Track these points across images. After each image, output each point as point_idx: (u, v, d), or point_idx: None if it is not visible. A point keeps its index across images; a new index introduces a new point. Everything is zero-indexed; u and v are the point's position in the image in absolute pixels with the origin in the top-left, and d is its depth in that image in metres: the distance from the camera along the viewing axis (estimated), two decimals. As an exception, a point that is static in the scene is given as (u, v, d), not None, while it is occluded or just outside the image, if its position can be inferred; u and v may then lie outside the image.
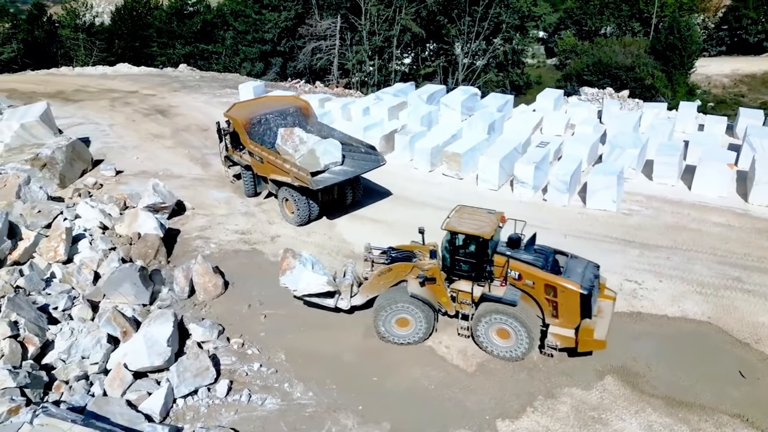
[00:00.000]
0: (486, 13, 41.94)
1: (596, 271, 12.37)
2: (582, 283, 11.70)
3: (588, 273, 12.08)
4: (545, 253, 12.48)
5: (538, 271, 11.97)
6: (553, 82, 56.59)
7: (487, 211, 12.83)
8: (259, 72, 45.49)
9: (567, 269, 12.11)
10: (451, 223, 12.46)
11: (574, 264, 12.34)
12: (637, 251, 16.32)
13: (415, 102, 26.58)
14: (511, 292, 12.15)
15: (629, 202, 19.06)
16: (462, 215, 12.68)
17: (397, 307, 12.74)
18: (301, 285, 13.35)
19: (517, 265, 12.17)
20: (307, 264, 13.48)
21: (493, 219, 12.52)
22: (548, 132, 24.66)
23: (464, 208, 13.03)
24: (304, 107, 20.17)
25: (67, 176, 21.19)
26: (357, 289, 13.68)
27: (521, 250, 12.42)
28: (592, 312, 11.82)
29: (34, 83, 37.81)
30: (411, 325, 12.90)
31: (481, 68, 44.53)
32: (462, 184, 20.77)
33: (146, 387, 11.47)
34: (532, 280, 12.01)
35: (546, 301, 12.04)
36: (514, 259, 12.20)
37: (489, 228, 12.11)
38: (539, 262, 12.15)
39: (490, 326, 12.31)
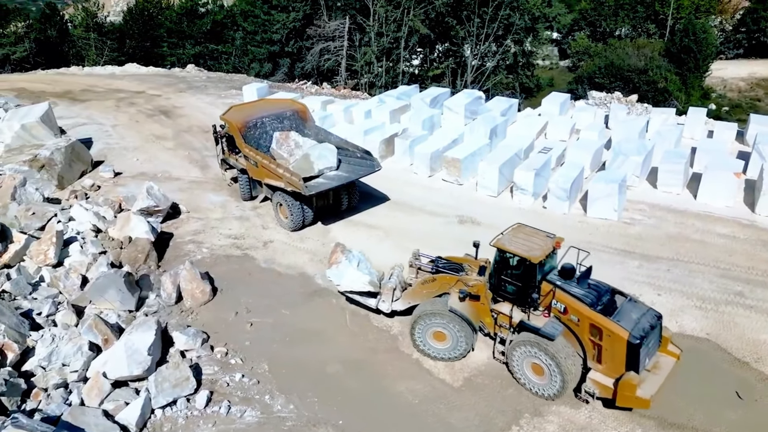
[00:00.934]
0: (495, 14, 41.46)
1: (656, 320, 10.97)
2: (633, 330, 10.42)
3: (644, 321, 10.74)
4: (599, 290, 11.26)
5: (586, 308, 10.83)
6: (565, 85, 56.02)
7: (546, 234, 11.90)
8: (268, 73, 45.47)
9: (620, 312, 10.85)
10: (502, 240, 11.68)
11: (630, 308, 11.03)
12: (636, 262, 15.85)
13: (418, 105, 26.28)
14: (551, 325, 11.15)
15: (631, 211, 18.57)
16: (517, 234, 11.85)
17: (434, 320, 12.28)
18: (345, 281, 13.37)
19: (564, 297, 11.12)
20: (353, 261, 13.40)
21: (548, 243, 11.54)
22: (553, 137, 24.18)
23: (522, 227, 12.17)
24: (302, 111, 19.95)
25: (66, 177, 21.17)
26: (400, 294, 13.28)
27: (573, 282, 11.30)
28: (641, 365, 10.55)
29: (43, 83, 38.06)
30: (448, 340, 12.39)
31: (491, 70, 44.03)
32: (461, 190, 20.41)
33: (124, 397, 11.30)
34: (577, 316, 10.94)
35: (590, 342, 10.93)
36: (563, 290, 11.17)
37: (539, 252, 11.17)
38: (589, 298, 10.97)
39: (524, 358, 11.44)
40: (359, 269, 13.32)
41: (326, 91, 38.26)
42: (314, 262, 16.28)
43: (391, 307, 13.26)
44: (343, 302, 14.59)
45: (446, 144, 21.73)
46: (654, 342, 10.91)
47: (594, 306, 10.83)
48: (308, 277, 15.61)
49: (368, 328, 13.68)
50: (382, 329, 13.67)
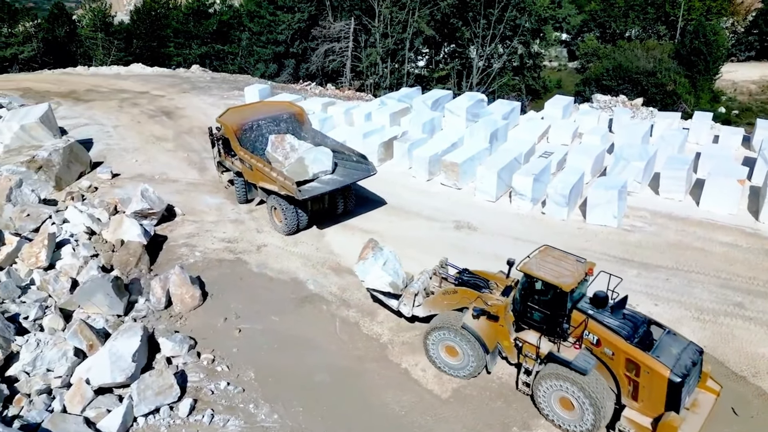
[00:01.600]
0: (502, 15, 41.09)
1: (697, 355, 10.24)
2: (674, 367, 9.70)
3: (686, 356, 10.01)
4: (636, 321, 10.51)
5: (622, 341, 10.09)
6: (573, 87, 55.48)
7: (576, 258, 11.15)
8: (273, 73, 45.39)
9: (659, 346, 10.11)
10: (529, 265, 10.94)
11: (670, 341, 10.30)
12: (634, 271, 15.52)
13: (419, 108, 26.03)
14: (584, 358, 10.39)
15: (632, 218, 18.22)
16: (545, 257, 11.10)
17: (447, 334, 11.88)
18: (368, 278, 13.27)
19: (597, 329, 10.38)
20: (379, 259, 13.26)
21: (579, 269, 10.79)
22: (555, 141, 23.83)
23: (550, 250, 11.43)
24: (299, 113, 19.79)
25: (64, 179, 21.14)
26: (422, 300, 12.99)
27: (606, 312, 10.56)
28: (681, 405, 9.84)
29: (48, 82, 38.20)
30: (459, 357, 11.98)
31: (497, 72, 43.66)
32: (459, 195, 20.15)
33: (107, 404, 11.18)
34: (612, 349, 10.18)
35: (625, 377, 10.18)
36: (596, 320, 10.44)
37: (571, 279, 10.43)
38: (625, 330, 10.23)
39: (553, 392, 10.72)
40: (384, 268, 13.14)
41: (330, 92, 38.10)
42: (307, 267, 16.11)
43: (411, 311, 13.05)
44: (334, 309, 14.42)
45: (445, 147, 21.47)
46: (694, 378, 10.19)
47: (630, 339, 10.09)
48: (300, 282, 15.43)
49: (357, 336, 13.48)
50: (371, 337, 13.47)
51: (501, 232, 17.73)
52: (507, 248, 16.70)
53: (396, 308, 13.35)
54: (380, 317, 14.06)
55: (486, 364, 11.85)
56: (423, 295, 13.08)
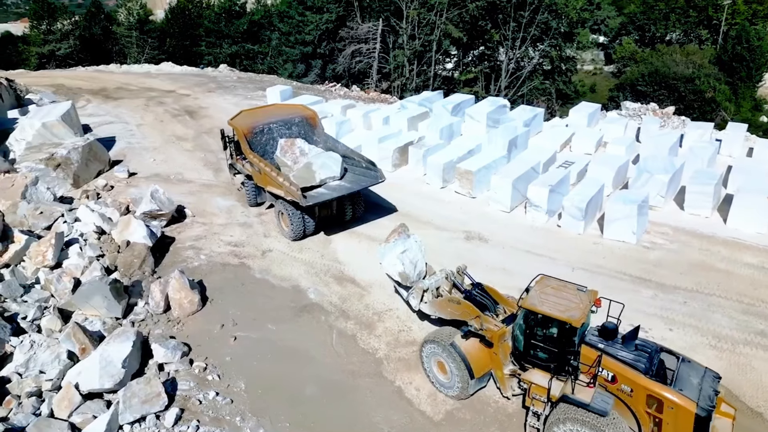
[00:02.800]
0: (533, 18, 40.14)
1: (717, 383, 9.58)
2: (699, 400, 8.99)
3: (707, 386, 9.31)
4: (649, 351, 9.72)
5: (640, 376, 9.32)
6: (607, 91, 53.96)
7: (576, 287, 10.35)
8: (300, 74, 45.48)
9: (679, 377, 9.38)
10: (531, 300, 10.08)
11: (687, 371, 9.52)
12: (650, 292, 14.72)
13: (439, 112, 25.52)
14: (601, 399, 9.54)
15: (653, 234, 17.35)
16: (545, 289, 10.26)
17: (437, 348, 11.52)
18: (384, 262, 13.04)
19: (611, 364, 9.57)
20: (398, 246, 13.01)
21: (585, 300, 9.95)
22: (578, 150, 23.01)
23: (547, 280, 10.60)
24: (311, 117, 19.56)
25: (82, 177, 21.43)
26: (431, 298, 12.61)
27: (617, 344, 9.76)
28: None
29: (81, 79, 39.08)
30: (448, 375, 11.52)
31: (526, 75, 42.70)
32: (473, 204, 19.58)
33: (94, 410, 11.10)
34: (630, 386, 9.39)
35: (646, 415, 9.42)
36: (609, 355, 9.62)
37: (579, 312, 9.63)
38: (641, 363, 9.45)
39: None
40: (400, 256, 12.83)
41: (355, 94, 37.86)
42: (309, 275, 15.84)
43: (418, 306, 12.76)
44: (332, 320, 14.10)
45: (461, 154, 20.93)
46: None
47: (648, 372, 9.34)
48: (301, 290, 15.17)
49: (353, 350, 13.12)
50: (367, 351, 13.08)
51: (512, 244, 17.11)
52: (517, 262, 16.15)
53: (405, 299, 13.13)
54: (378, 330, 13.68)
55: (470, 389, 11.38)
56: (433, 294, 12.64)
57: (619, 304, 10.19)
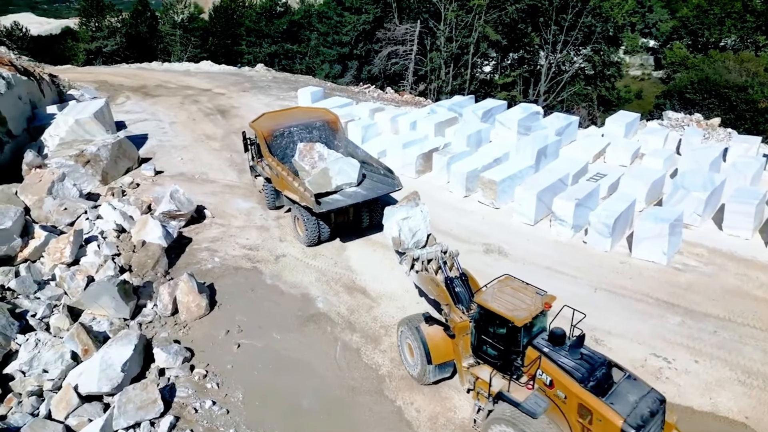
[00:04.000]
0: (576, 21, 38.84)
1: (657, 405, 9.09)
2: (629, 416, 8.68)
3: (643, 405, 8.94)
4: (593, 362, 9.43)
5: (574, 383, 9.13)
6: (653, 98, 51.87)
7: (536, 290, 10.38)
8: (337, 74, 45.43)
9: (616, 392, 9.07)
10: (485, 296, 10.28)
11: (628, 387, 9.21)
12: (678, 319, 13.78)
13: (469, 118, 24.86)
14: (534, 401, 9.51)
15: (686, 255, 16.31)
16: (503, 288, 10.39)
17: (406, 330, 11.96)
18: (386, 223, 13.10)
19: (551, 369, 9.49)
20: (401, 211, 12.96)
21: (537, 302, 10.02)
22: (612, 162, 21.98)
23: (510, 281, 10.70)
24: (333, 121, 19.27)
25: (110, 174, 21.79)
26: (420, 269, 12.64)
27: (563, 350, 9.63)
28: None
29: (123, 76, 40.03)
30: (414, 358, 11.86)
31: (567, 80, 41.38)
32: (496, 215, 18.90)
33: (90, 413, 11.08)
34: (565, 393, 9.28)
35: (578, 424, 9.22)
36: (550, 359, 9.56)
37: (525, 313, 9.71)
38: (580, 371, 9.25)
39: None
40: (401, 222, 12.79)
41: (388, 96, 37.49)
42: (320, 282, 15.55)
43: (408, 273, 12.80)
44: (338, 331, 13.75)
45: (487, 163, 20.26)
46: (655, 430, 9.04)
47: (585, 382, 9.10)
48: (309, 299, 14.89)
49: (356, 364, 12.74)
50: (370, 367, 12.68)
51: (533, 260, 16.38)
52: (536, 278, 15.18)
53: (400, 262, 13.18)
54: (384, 345, 13.25)
55: (428, 374, 11.65)
56: (422, 266, 12.68)
57: (581, 313, 9.77)
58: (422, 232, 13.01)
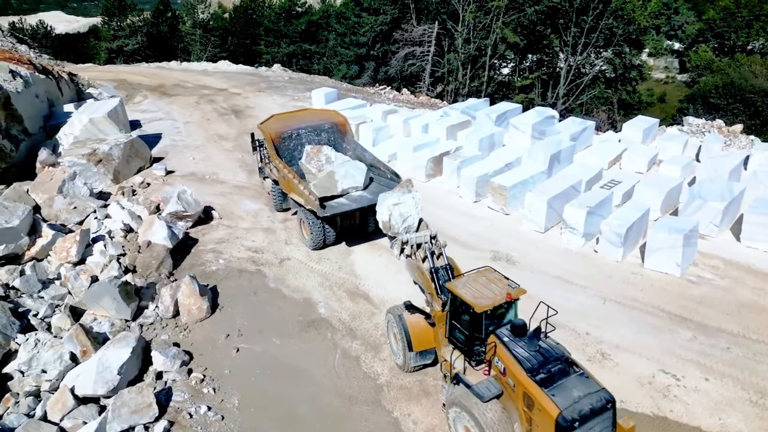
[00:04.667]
0: (596, 23, 38.14)
1: (603, 404, 8.97)
2: (565, 409, 8.69)
3: (586, 402, 8.89)
4: (548, 356, 9.50)
5: (522, 372, 9.30)
6: (676, 102, 50.79)
7: (509, 283, 10.52)
8: (354, 75, 45.33)
9: (561, 385, 9.12)
10: (456, 282, 10.71)
11: (576, 383, 9.19)
12: (689, 333, 13.30)
13: (482, 121, 24.49)
14: (487, 385, 9.82)
15: (701, 267, 15.77)
16: (478, 278, 10.65)
17: (392, 318, 12.35)
18: (379, 208, 13.28)
19: (505, 357, 9.70)
20: (393, 197, 13.16)
21: (503, 293, 10.23)
22: (628, 168, 21.43)
23: (489, 272, 10.88)
24: (341, 124, 19.10)
25: (122, 173, 21.91)
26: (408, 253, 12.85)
27: (522, 341, 9.80)
28: None
29: (142, 75, 40.42)
30: (398, 345, 12.24)
31: (587, 83, 40.67)
32: (506, 222, 18.54)
33: (85, 415, 11.05)
34: (514, 381, 9.49)
35: (524, 413, 9.41)
36: (507, 348, 9.73)
37: (487, 301, 10.00)
38: (531, 362, 9.39)
39: (458, 418, 10.14)
40: (391, 207, 12.98)
41: (404, 98, 37.25)
42: (323, 287, 15.38)
43: (398, 257, 13.09)
44: (338, 338, 13.56)
45: (498, 168, 19.90)
46: (600, 429, 8.93)
47: (533, 372, 9.25)
48: (312, 304, 14.72)
49: (354, 373, 12.53)
50: (368, 376, 12.46)
51: (542, 268, 16.00)
52: (544, 288, 14.99)
53: (390, 245, 13.49)
54: (384, 353, 13.02)
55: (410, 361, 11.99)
56: (411, 251, 12.84)
57: (553, 310, 9.89)
58: (413, 218, 13.26)
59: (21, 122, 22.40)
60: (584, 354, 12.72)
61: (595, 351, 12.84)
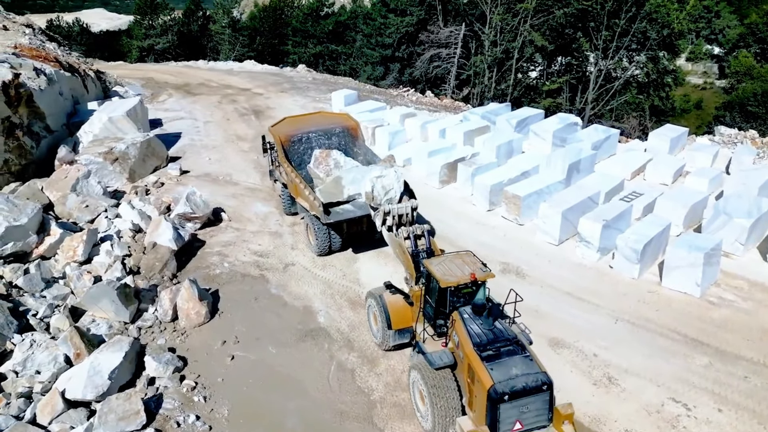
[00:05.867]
0: (629, 27, 36.93)
1: (538, 385, 9.40)
2: (499, 383, 9.25)
3: (521, 380, 9.37)
4: (498, 336, 10.16)
5: (470, 346, 9.99)
6: (713, 110, 49.00)
7: (482, 267, 11.10)
8: (379, 76, 44.98)
9: (501, 362, 9.63)
10: (432, 260, 11.48)
11: (518, 362, 9.68)
12: (705, 359, 12.53)
13: (502, 127, 23.85)
14: (440, 355, 10.64)
15: (723, 288, 14.92)
16: (454, 260, 11.35)
17: (372, 300, 12.84)
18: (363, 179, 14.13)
19: (461, 331, 10.43)
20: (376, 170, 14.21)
21: (468, 273, 10.88)
22: (652, 179, 20.53)
23: (467, 256, 11.49)
24: (353, 128, 18.77)
25: (138, 172, 22.01)
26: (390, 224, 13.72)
27: (479, 319, 10.51)
28: (501, 426, 9.33)
29: (170, 74, 40.87)
30: (378, 325, 12.73)
31: (618, 88, 39.43)
32: (519, 232, 17.92)
33: (74, 419, 10.98)
34: (463, 353, 10.22)
35: (467, 384, 10.17)
36: (464, 323, 10.47)
37: (452, 278, 10.74)
38: (480, 338, 10.09)
39: (416, 382, 11.05)
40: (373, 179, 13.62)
41: (427, 100, 36.77)
42: (325, 295, 15.07)
43: (379, 227, 13.96)
44: (335, 349, 13.23)
45: (513, 176, 19.27)
46: (536, 413, 9.43)
47: (480, 347, 9.88)
48: (311, 312, 14.43)
49: (348, 387, 12.17)
50: (362, 390, 12.08)
51: (553, 283, 15.38)
52: (553, 304, 14.48)
53: (373, 216, 14.33)
54: (380, 368, 12.64)
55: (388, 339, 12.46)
56: (392, 221, 13.67)
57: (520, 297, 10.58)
58: (395, 191, 13.92)
59: (43, 119, 22.73)
60: (590, 377, 12.12)
61: (602, 374, 12.20)
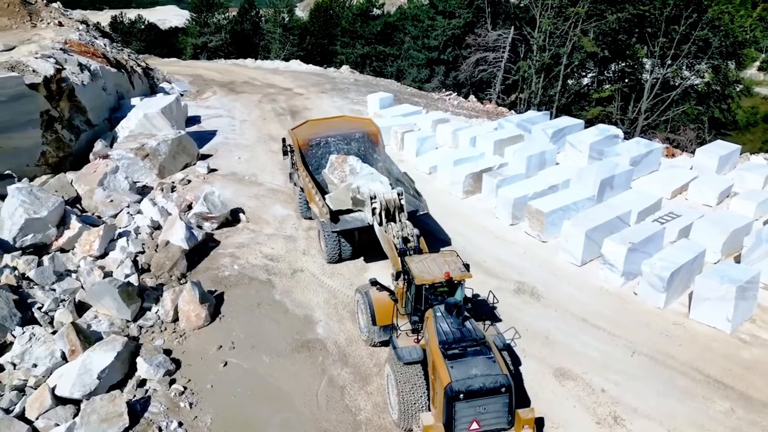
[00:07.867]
0: (689, 33, 34.82)
1: (497, 386, 9.39)
2: (457, 381, 9.33)
3: (480, 380, 9.39)
4: (466, 335, 10.20)
5: (435, 343, 10.12)
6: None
7: (459, 267, 11.21)
8: (424, 79, 44.42)
9: (464, 361, 9.69)
10: (414, 258, 11.65)
11: (480, 363, 9.68)
12: (726, 405, 11.37)
13: (537, 136, 22.83)
14: (410, 351, 10.75)
15: (759, 324, 13.59)
16: (437, 258, 11.54)
17: (359, 296, 13.11)
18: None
19: (431, 329, 10.56)
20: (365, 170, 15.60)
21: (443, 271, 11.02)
22: (695, 200, 19.10)
23: (449, 256, 11.62)
24: (373, 133, 18.35)
25: (167, 168, 22.37)
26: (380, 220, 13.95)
27: (450, 318, 10.57)
28: (456, 424, 9.38)
29: (217, 71, 41.69)
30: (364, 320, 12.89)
31: (675, 97, 37.29)
32: (541, 250, 17.00)
33: (59, 417, 11.06)
34: (429, 349, 10.38)
35: (432, 381, 10.18)
36: (435, 321, 10.57)
37: (428, 276, 10.91)
38: (447, 336, 10.18)
39: (388, 376, 11.24)
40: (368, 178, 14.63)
41: (469, 105, 35.93)
42: (328, 305, 14.72)
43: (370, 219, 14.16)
44: (329, 363, 12.84)
45: (541, 189, 18.33)
46: (495, 414, 9.46)
47: (445, 345, 9.97)
48: (311, 322, 14.10)
49: (335, 404, 11.75)
50: (350, 409, 11.63)
51: (569, 307, 14.45)
52: (566, 331, 13.60)
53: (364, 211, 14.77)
54: (372, 386, 12.14)
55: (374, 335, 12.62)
56: (381, 208, 13.97)
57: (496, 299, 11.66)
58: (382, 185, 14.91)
59: (84, 113, 23.44)
60: (594, 415, 11.21)
61: (608, 413, 11.27)
